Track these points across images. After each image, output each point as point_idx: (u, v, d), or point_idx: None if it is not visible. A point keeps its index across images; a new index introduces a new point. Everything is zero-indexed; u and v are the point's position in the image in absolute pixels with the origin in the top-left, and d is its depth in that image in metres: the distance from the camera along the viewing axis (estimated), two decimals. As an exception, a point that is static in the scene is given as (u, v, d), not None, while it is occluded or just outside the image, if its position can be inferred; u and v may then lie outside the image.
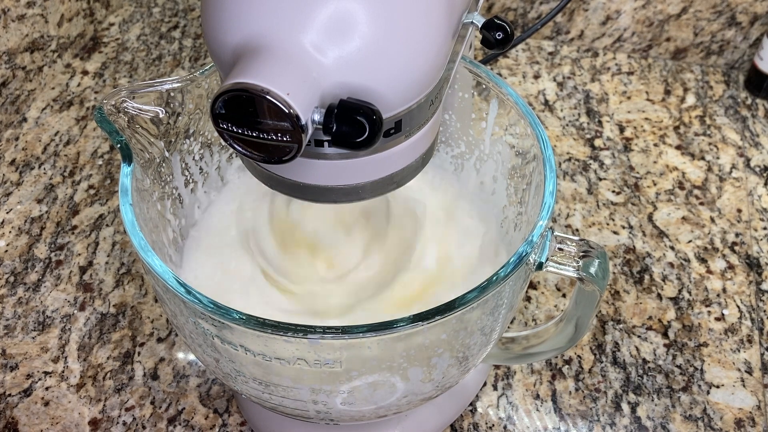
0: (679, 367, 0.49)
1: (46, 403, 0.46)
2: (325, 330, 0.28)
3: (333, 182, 0.29)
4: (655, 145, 0.64)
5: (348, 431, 0.44)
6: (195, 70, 0.37)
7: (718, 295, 0.53)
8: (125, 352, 0.49)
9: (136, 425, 0.45)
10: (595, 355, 0.49)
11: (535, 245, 0.31)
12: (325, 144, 0.27)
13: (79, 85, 0.68)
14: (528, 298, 0.52)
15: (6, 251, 0.55)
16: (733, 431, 0.46)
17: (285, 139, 0.24)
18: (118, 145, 0.33)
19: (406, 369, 0.32)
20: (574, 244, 0.34)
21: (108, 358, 0.49)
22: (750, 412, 0.47)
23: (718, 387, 0.48)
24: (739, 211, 0.58)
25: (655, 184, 0.60)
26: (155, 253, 0.30)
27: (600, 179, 0.61)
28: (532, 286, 0.53)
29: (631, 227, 0.57)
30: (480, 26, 0.30)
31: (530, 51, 0.73)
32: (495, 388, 0.48)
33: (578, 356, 0.49)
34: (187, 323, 0.32)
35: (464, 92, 0.41)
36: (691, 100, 0.68)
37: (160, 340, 0.49)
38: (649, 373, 0.48)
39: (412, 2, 0.25)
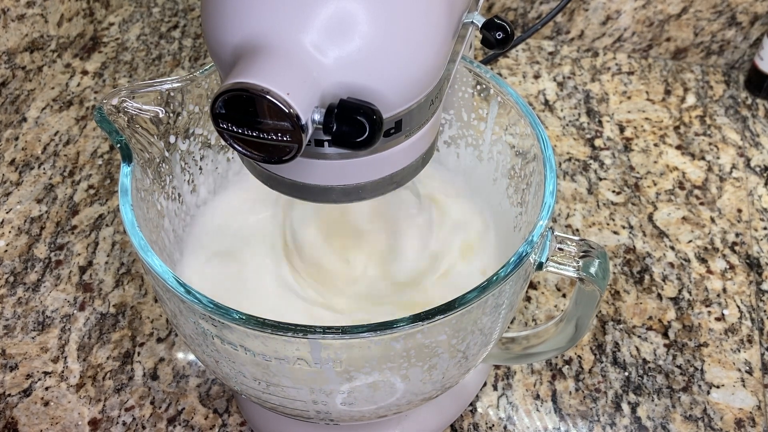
0: (679, 367, 0.49)
1: (46, 403, 0.46)
2: (325, 330, 0.28)
3: (333, 182, 0.29)
4: (656, 145, 0.64)
5: (348, 431, 0.44)
6: (195, 70, 0.37)
7: (718, 295, 0.53)
8: (125, 352, 0.49)
9: (136, 425, 0.45)
10: (595, 355, 0.49)
11: (535, 245, 0.31)
12: (326, 144, 0.27)
13: (78, 85, 0.68)
14: (528, 298, 0.52)
15: (6, 251, 0.55)
16: (734, 431, 0.46)
17: (285, 139, 0.24)
18: (118, 145, 0.33)
19: (406, 369, 0.32)
20: (574, 244, 0.34)
21: (108, 358, 0.49)
22: (750, 413, 0.47)
23: (718, 387, 0.48)
24: (740, 211, 0.58)
25: (655, 184, 0.60)
26: (155, 253, 0.30)
27: (600, 179, 0.61)
28: (532, 286, 0.53)
29: (631, 227, 0.57)
30: (480, 26, 0.30)
31: (530, 51, 0.73)
32: (495, 388, 0.48)
33: (578, 356, 0.49)
34: (187, 323, 0.32)
35: (464, 92, 0.41)
36: (691, 100, 0.68)
37: (159, 340, 0.49)
38: (650, 374, 0.48)
39: (412, 2, 0.25)
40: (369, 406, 0.34)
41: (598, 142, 0.64)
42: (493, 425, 0.46)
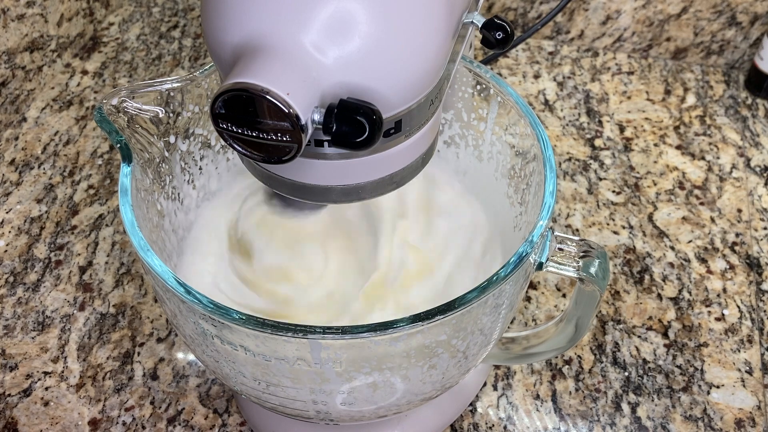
0: (679, 367, 0.49)
1: (46, 403, 0.46)
2: (325, 330, 0.28)
3: (333, 182, 0.29)
4: (656, 145, 0.64)
5: (348, 431, 0.44)
6: (195, 70, 0.37)
7: (718, 295, 0.53)
8: (125, 352, 0.49)
9: (136, 425, 0.45)
10: (595, 355, 0.49)
11: (535, 245, 0.31)
12: (325, 144, 0.27)
13: (78, 84, 0.68)
14: (528, 298, 0.52)
15: (6, 251, 0.55)
16: (734, 431, 0.46)
17: (285, 139, 0.24)
18: (118, 145, 0.33)
19: (406, 369, 0.32)
20: (574, 244, 0.34)
21: (108, 358, 0.49)
22: (750, 413, 0.47)
23: (718, 387, 0.48)
24: (740, 211, 0.58)
25: (655, 184, 0.60)
26: (155, 253, 0.30)
27: (600, 179, 0.61)
28: (532, 286, 0.53)
29: (631, 227, 0.57)
30: (480, 26, 0.30)
31: (530, 51, 0.73)
32: (495, 388, 0.48)
33: (578, 356, 0.49)
34: (187, 323, 0.32)
35: (464, 92, 0.41)
36: (691, 100, 0.68)
37: (159, 340, 0.49)
38: (650, 374, 0.48)
39: (412, 2, 0.25)
40: (369, 406, 0.34)
41: (598, 142, 0.64)
42: (493, 425, 0.46)
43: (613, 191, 0.60)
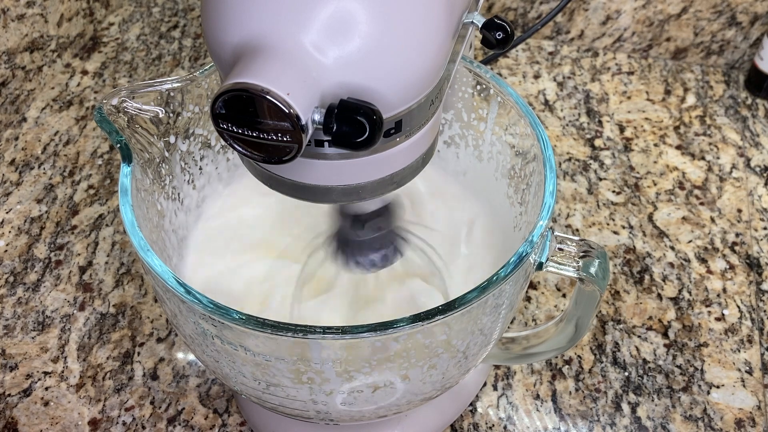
0: (679, 367, 0.49)
1: (46, 403, 0.46)
2: (325, 330, 0.28)
3: (333, 182, 0.29)
4: (656, 145, 0.64)
5: (348, 431, 0.44)
6: (195, 70, 0.37)
7: (718, 295, 0.53)
8: (125, 352, 0.49)
9: (136, 425, 0.45)
10: (595, 355, 0.49)
11: (535, 245, 0.31)
12: (325, 144, 0.27)
13: (78, 84, 0.68)
14: (528, 298, 0.52)
15: (6, 251, 0.55)
16: (734, 431, 0.46)
17: (285, 139, 0.24)
18: (118, 145, 0.33)
19: (406, 369, 0.32)
20: (574, 244, 0.34)
21: (107, 358, 0.49)
22: (750, 413, 0.47)
23: (718, 387, 0.48)
24: (740, 211, 0.58)
25: (655, 184, 0.60)
26: (155, 253, 0.30)
27: (600, 179, 0.61)
28: (532, 286, 0.53)
29: (631, 227, 0.57)
30: (480, 26, 0.30)
31: (530, 51, 0.73)
32: (495, 388, 0.48)
33: (578, 356, 0.49)
34: (187, 323, 0.32)
35: (464, 92, 0.41)
36: (691, 100, 0.68)
37: (159, 340, 0.49)
38: (650, 373, 0.48)
39: (413, 2, 0.25)
40: (369, 406, 0.34)
41: (598, 142, 0.64)
42: (493, 425, 0.46)
43: (613, 191, 0.60)
